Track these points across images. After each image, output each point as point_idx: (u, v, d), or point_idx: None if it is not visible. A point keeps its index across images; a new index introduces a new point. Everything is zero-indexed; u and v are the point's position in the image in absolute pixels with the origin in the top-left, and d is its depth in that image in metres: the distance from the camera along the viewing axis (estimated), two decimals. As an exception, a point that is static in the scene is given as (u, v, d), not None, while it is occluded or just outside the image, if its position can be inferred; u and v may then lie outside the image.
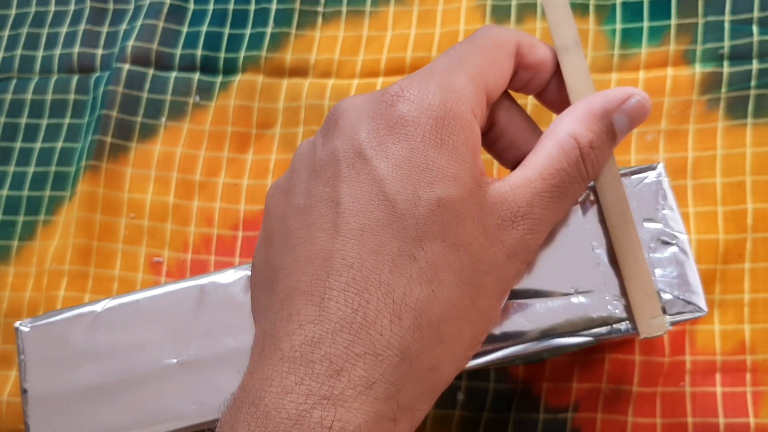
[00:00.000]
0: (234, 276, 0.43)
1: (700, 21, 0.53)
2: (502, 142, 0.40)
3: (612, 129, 0.37)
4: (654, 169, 0.41)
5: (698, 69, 0.53)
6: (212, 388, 0.42)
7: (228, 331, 0.42)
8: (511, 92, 0.40)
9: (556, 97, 0.40)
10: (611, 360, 0.49)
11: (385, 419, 0.32)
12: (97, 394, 0.42)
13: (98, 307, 0.44)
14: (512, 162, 0.40)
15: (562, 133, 0.36)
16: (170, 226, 0.57)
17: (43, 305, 0.56)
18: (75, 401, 0.43)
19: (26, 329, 0.44)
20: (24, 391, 0.43)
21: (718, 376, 0.48)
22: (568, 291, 0.39)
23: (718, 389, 0.48)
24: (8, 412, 0.55)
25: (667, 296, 0.39)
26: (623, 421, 0.48)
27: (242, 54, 0.59)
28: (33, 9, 0.65)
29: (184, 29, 0.61)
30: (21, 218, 0.60)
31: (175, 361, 0.42)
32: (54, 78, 0.62)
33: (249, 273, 0.43)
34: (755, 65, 0.52)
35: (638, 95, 0.37)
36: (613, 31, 0.55)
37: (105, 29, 0.63)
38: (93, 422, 0.42)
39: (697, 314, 0.39)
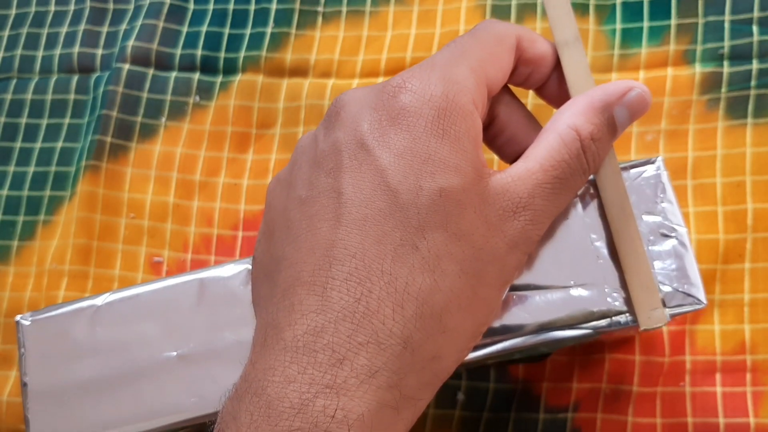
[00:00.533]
0: (234, 269, 0.43)
1: (700, 21, 0.54)
2: (503, 136, 0.40)
3: (612, 122, 0.37)
4: (653, 162, 0.41)
5: (698, 69, 0.53)
6: (212, 382, 0.41)
7: (228, 325, 0.42)
8: (511, 87, 0.41)
9: (555, 92, 0.40)
10: (611, 360, 0.49)
11: (387, 408, 0.32)
12: (97, 388, 0.42)
13: (99, 301, 0.44)
14: (512, 157, 0.40)
15: (563, 126, 0.36)
16: (170, 226, 0.57)
17: (43, 305, 0.56)
18: (75, 395, 0.42)
19: (27, 323, 0.44)
20: (24, 385, 0.43)
21: (718, 376, 0.48)
22: (567, 284, 0.39)
23: (718, 389, 0.48)
24: (8, 412, 0.55)
25: (666, 289, 0.39)
26: (623, 421, 0.48)
27: (242, 54, 0.60)
28: (33, 9, 0.65)
29: (184, 29, 0.61)
30: (21, 218, 0.60)
31: (175, 354, 0.42)
32: (54, 78, 0.62)
33: (249, 267, 0.43)
34: (755, 65, 0.52)
35: (638, 88, 0.37)
36: (613, 31, 0.55)
37: (105, 29, 0.63)
38: (93, 416, 0.42)
39: (697, 307, 0.39)
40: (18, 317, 0.44)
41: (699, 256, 0.50)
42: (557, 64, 0.40)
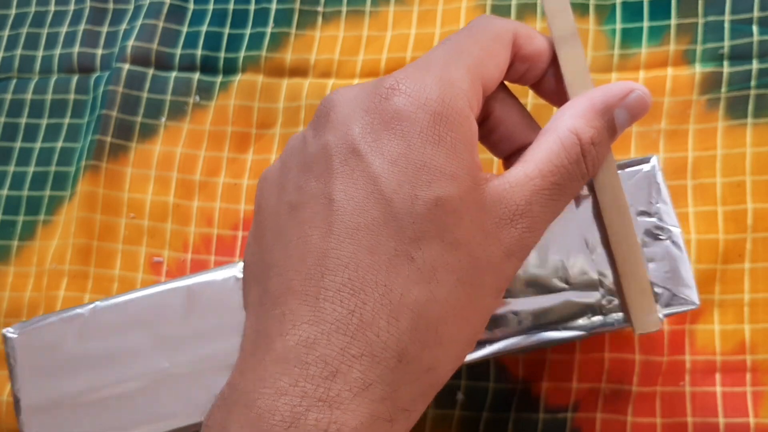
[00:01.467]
0: (223, 275, 0.43)
1: (700, 21, 0.53)
2: (497, 133, 0.39)
3: (612, 124, 0.37)
4: (647, 161, 0.40)
5: (698, 69, 0.53)
6: (203, 390, 0.41)
7: (218, 332, 0.42)
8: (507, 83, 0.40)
9: (552, 88, 0.40)
10: (611, 360, 0.49)
11: (381, 420, 0.31)
12: (89, 398, 0.42)
13: (86, 310, 0.43)
14: (506, 153, 0.40)
15: (563, 129, 0.36)
16: (170, 226, 0.57)
17: (43, 305, 0.56)
18: (67, 407, 0.42)
19: (14, 335, 0.43)
20: (17, 400, 0.43)
21: (718, 376, 0.48)
22: (561, 285, 0.39)
23: (718, 389, 0.48)
24: (8, 412, 0.55)
25: (659, 290, 0.39)
26: (623, 421, 0.48)
27: (242, 54, 0.59)
28: (33, 9, 0.65)
29: (184, 29, 0.61)
30: (21, 218, 0.60)
31: (165, 364, 0.42)
32: (54, 78, 0.62)
33: (239, 274, 0.43)
34: (755, 65, 0.52)
35: (639, 90, 0.37)
36: (613, 31, 0.55)
37: (105, 29, 0.63)
38: (86, 425, 0.42)
39: (689, 307, 0.39)
40: (4, 331, 0.44)
41: (699, 256, 0.50)
42: (554, 60, 0.39)
